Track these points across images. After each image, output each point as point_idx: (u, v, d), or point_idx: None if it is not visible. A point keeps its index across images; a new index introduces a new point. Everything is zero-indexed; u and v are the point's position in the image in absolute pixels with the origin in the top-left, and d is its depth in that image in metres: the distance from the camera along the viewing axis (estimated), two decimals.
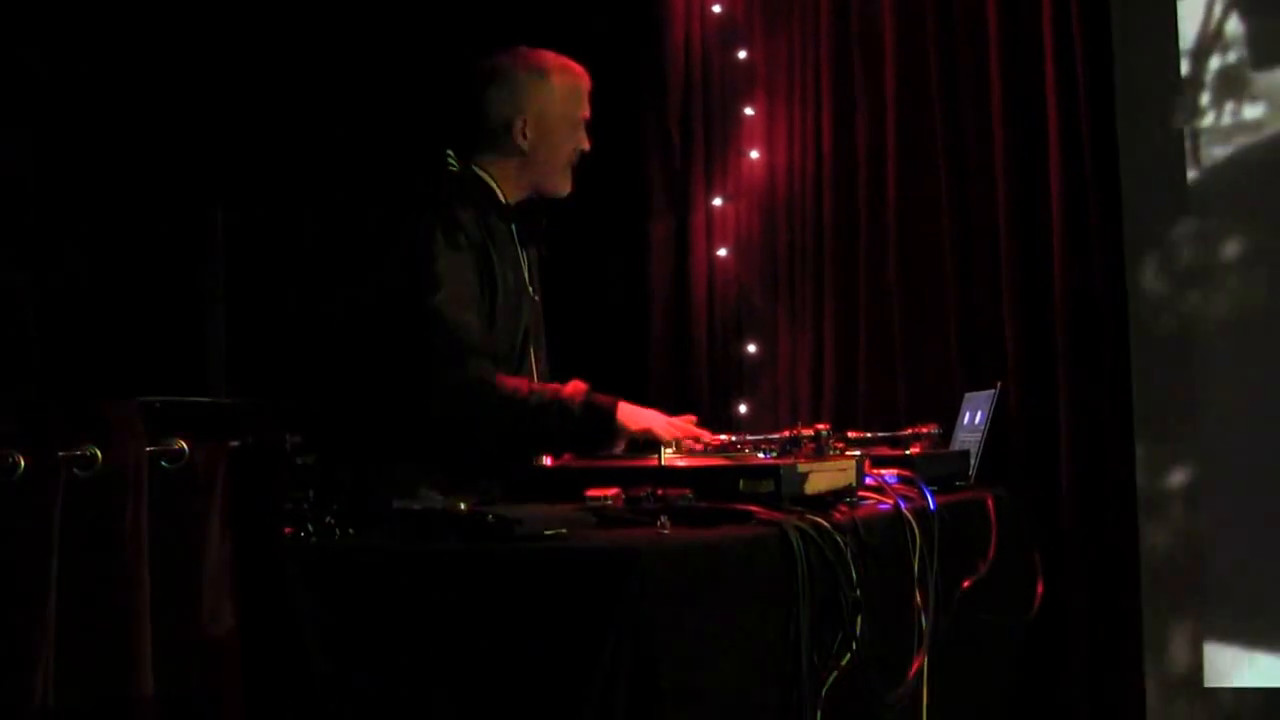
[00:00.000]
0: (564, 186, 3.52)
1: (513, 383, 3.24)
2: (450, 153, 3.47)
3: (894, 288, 4.62)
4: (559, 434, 3.19)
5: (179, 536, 2.08)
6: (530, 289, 3.47)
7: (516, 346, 3.38)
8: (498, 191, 3.45)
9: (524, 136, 3.43)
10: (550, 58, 3.52)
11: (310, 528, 2.37)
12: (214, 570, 2.09)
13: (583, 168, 3.66)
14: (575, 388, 3.25)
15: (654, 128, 4.92)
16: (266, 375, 4.90)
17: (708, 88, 4.94)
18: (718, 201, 4.90)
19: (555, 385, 3.29)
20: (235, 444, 2.24)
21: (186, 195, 4.76)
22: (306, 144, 5.16)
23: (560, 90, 3.48)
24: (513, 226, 3.45)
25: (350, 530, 2.43)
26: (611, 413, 3.22)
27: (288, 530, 2.35)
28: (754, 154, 4.88)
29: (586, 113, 3.54)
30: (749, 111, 4.91)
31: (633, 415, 3.24)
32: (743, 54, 4.94)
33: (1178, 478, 4.43)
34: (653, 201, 4.93)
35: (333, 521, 2.41)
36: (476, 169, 3.46)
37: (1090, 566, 4.28)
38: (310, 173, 5.18)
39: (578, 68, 3.55)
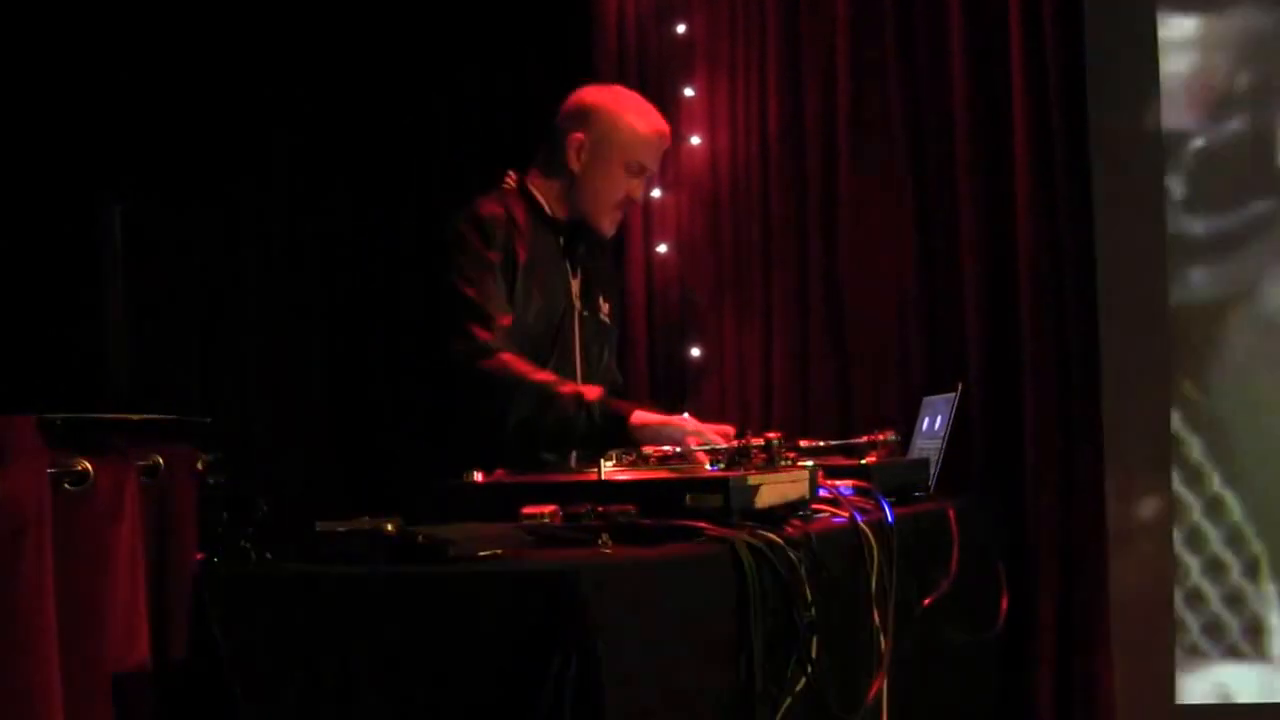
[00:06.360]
0: (606, 227, 3.88)
1: (528, 365, 3.58)
2: (511, 172, 3.86)
3: (847, 284, 4.66)
4: (573, 423, 3.50)
5: (84, 567, 2.08)
6: (580, 303, 3.82)
7: (543, 350, 3.70)
8: (545, 206, 3.80)
9: (577, 159, 3.78)
10: (634, 100, 3.90)
11: (225, 552, 2.38)
12: (124, 603, 2.10)
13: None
14: (592, 388, 3.59)
15: None
16: (174, 388, 4.90)
17: (643, 67, 4.95)
18: (656, 193, 4.91)
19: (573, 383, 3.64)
20: (144, 464, 2.24)
21: (80, 187, 4.73)
22: (212, 132, 5.15)
23: (629, 130, 3.81)
24: (560, 240, 3.82)
25: (268, 554, 2.44)
26: (626, 414, 3.49)
27: (200, 556, 2.36)
28: (695, 139, 4.90)
29: (652, 166, 3.91)
30: (689, 93, 4.93)
31: (646, 419, 3.52)
32: (681, 28, 4.95)
33: (1149, 486, 4.50)
34: None
35: (249, 545, 2.42)
36: (529, 185, 3.82)
37: (1058, 580, 4.34)
38: (217, 163, 5.18)
39: (660, 121, 3.89)
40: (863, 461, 3.37)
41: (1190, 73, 4.58)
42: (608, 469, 2.95)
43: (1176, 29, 4.62)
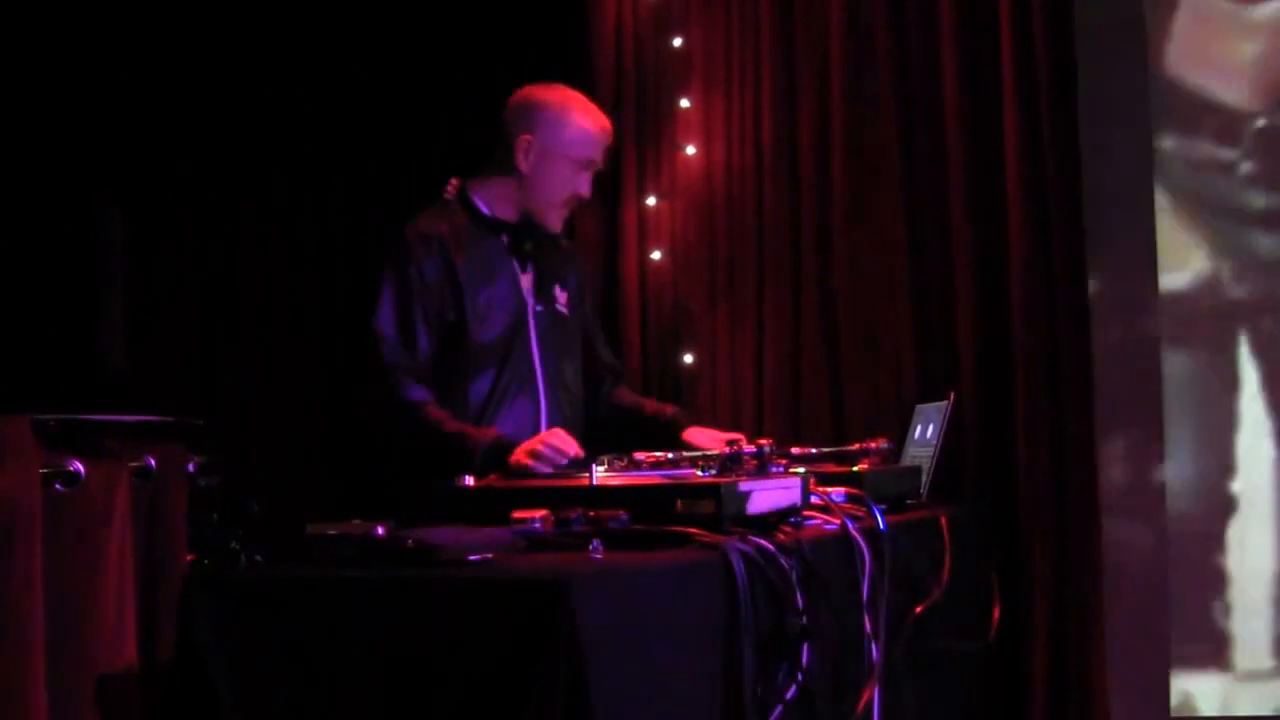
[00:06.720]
0: (554, 223, 3.85)
1: (436, 413, 3.60)
2: (454, 180, 3.87)
3: (840, 291, 4.65)
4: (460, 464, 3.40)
5: (74, 568, 2.08)
6: (533, 299, 3.82)
7: (497, 356, 3.73)
8: (485, 210, 3.80)
9: (526, 160, 3.77)
10: (577, 98, 3.87)
11: (214, 554, 2.38)
12: (113, 604, 2.09)
13: None
14: (487, 431, 3.59)
15: None
16: (173, 388, 4.89)
17: (641, 77, 4.95)
18: (651, 200, 4.91)
19: (473, 427, 3.62)
20: (135, 465, 2.23)
21: (80, 187, 4.74)
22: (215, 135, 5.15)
23: (576, 129, 3.81)
24: (504, 239, 3.82)
25: (258, 556, 2.43)
26: (509, 449, 3.47)
27: (190, 557, 2.35)
28: (690, 148, 4.89)
29: (598, 161, 3.88)
30: (684, 103, 4.93)
31: (516, 455, 3.48)
32: (678, 41, 4.95)
33: (1144, 495, 4.49)
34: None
35: (238, 547, 2.41)
36: (469, 191, 3.83)
37: (1051, 589, 4.32)
38: (217, 163, 5.17)
39: (603, 118, 3.89)
40: (855, 469, 3.34)
41: (1260, 56, 4.60)
42: (600, 474, 2.94)
43: (1254, 14, 4.64)
